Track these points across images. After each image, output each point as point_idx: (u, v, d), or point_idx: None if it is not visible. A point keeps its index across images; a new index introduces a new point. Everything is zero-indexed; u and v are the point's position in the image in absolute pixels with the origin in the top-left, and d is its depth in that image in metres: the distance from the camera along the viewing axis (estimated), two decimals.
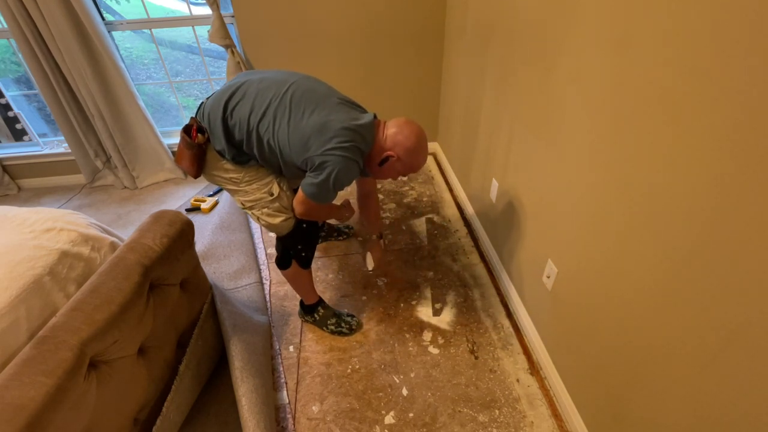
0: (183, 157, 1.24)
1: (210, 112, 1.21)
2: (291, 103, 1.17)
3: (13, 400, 0.77)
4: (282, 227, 1.34)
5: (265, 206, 1.29)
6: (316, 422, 1.37)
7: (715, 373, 0.76)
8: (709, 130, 0.71)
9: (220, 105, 1.18)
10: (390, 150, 1.24)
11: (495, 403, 1.40)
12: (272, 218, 1.31)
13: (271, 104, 1.17)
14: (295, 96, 1.18)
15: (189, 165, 1.23)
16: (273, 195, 1.28)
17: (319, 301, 1.65)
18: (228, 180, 1.28)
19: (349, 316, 1.68)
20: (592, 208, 1.09)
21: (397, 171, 1.30)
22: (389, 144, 1.24)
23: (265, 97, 1.18)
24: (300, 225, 1.36)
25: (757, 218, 0.65)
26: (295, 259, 1.44)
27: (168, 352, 1.22)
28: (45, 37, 2.07)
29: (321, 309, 1.64)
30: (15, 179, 2.70)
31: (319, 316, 1.64)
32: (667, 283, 0.85)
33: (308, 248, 1.44)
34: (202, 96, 4.68)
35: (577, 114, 1.11)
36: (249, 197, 1.29)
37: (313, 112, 1.15)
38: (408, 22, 2.33)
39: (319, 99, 1.18)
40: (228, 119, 1.19)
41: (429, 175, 2.67)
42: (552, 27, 1.19)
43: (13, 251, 1.04)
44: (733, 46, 0.65)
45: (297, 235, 1.37)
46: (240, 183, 1.27)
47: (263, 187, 1.28)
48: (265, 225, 1.35)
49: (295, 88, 1.19)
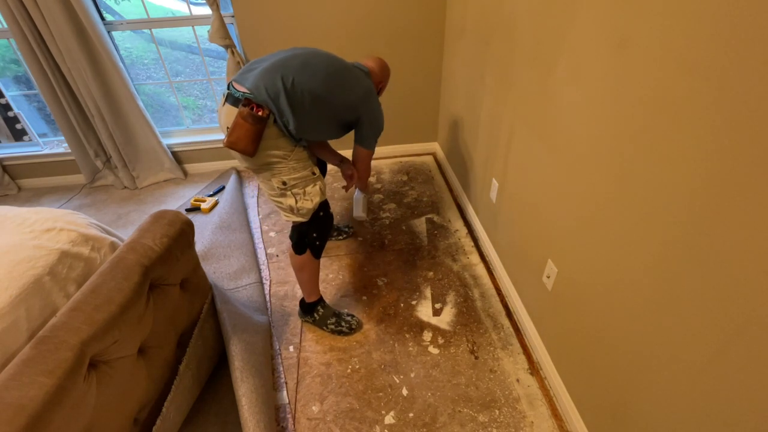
0: (242, 135, 1.27)
1: (269, 90, 1.28)
2: (337, 80, 1.41)
3: (13, 400, 0.77)
4: (310, 211, 1.43)
5: (308, 184, 1.41)
6: (316, 422, 1.37)
7: (715, 373, 0.76)
8: (709, 130, 0.71)
9: (278, 85, 1.29)
10: (381, 81, 1.71)
11: (495, 403, 1.40)
12: (309, 201, 1.42)
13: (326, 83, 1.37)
14: (333, 68, 1.42)
15: (249, 142, 1.28)
16: (315, 174, 1.43)
17: (320, 299, 1.66)
18: (279, 156, 1.35)
19: (349, 315, 1.69)
20: (592, 208, 1.09)
21: (381, 93, 1.75)
22: (379, 76, 1.69)
23: (309, 74, 1.34)
24: (317, 214, 1.46)
25: (758, 218, 0.65)
26: (309, 247, 1.50)
27: (168, 352, 1.22)
28: (45, 37, 2.07)
29: (321, 308, 1.66)
30: (15, 179, 2.70)
31: (318, 316, 1.65)
32: (667, 282, 0.85)
33: (322, 237, 1.52)
34: (202, 96, 4.70)
35: (577, 114, 1.11)
36: (294, 175, 1.38)
37: (348, 82, 1.45)
38: (408, 22, 2.33)
39: (346, 67, 1.47)
40: (290, 94, 1.30)
41: (429, 175, 2.68)
42: (551, 27, 1.19)
43: (13, 251, 1.04)
44: (732, 45, 0.65)
45: (314, 223, 1.47)
46: (290, 160, 1.37)
47: (307, 167, 1.41)
48: (300, 208, 1.42)
49: (325, 61, 1.42)
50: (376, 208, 2.36)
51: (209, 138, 2.68)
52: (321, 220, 1.48)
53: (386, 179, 2.63)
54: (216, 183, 2.63)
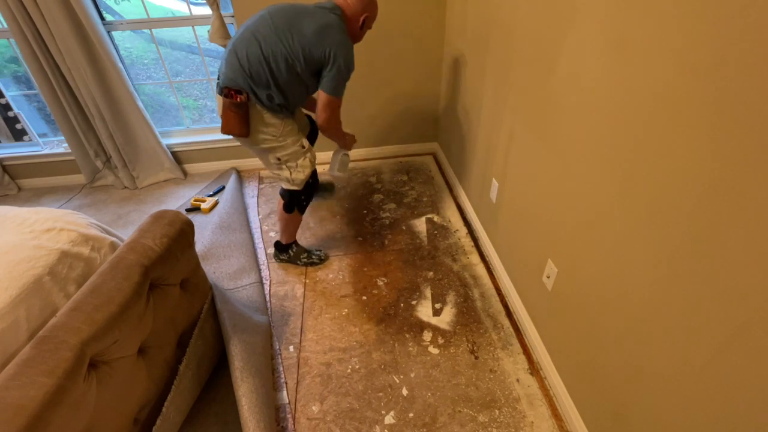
0: (231, 121, 1.45)
1: (236, 74, 1.41)
2: (287, 25, 1.42)
3: (13, 400, 0.77)
4: (303, 181, 1.66)
5: (299, 157, 1.60)
6: (316, 422, 1.37)
7: (715, 373, 0.76)
8: (709, 130, 0.71)
9: (243, 62, 1.41)
10: (363, 12, 1.52)
11: (495, 403, 1.40)
12: (301, 172, 1.63)
13: (277, 35, 1.41)
14: (282, 19, 1.43)
15: (239, 126, 1.46)
16: (305, 147, 1.60)
17: (294, 241, 1.95)
18: (270, 134, 1.52)
19: (318, 250, 2.00)
20: (592, 208, 1.09)
21: (369, 25, 1.61)
22: (360, 9, 1.51)
23: (269, 35, 1.41)
24: (307, 181, 1.70)
25: (758, 218, 0.65)
26: (297, 206, 1.80)
27: (168, 352, 1.22)
28: (45, 37, 2.07)
29: (294, 247, 1.95)
30: (15, 179, 2.69)
31: (292, 253, 1.95)
32: (667, 282, 0.85)
33: (308, 198, 1.82)
34: (202, 96, 4.70)
35: (577, 114, 1.11)
36: (286, 151, 1.57)
37: (302, 23, 1.42)
38: (408, 22, 2.33)
39: (299, 11, 1.45)
40: (270, 62, 1.41)
41: (429, 175, 2.67)
42: (552, 27, 1.19)
43: (13, 251, 1.04)
44: (732, 45, 0.65)
45: (304, 188, 1.73)
46: (279, 136, 1.53)
47: (297, 141, 1.58)
48: (295, 179, 1.65)
49: (276, 15, 1.44)
50: (376, 208, 2.37)
51: (209, 138, 2.68)
52: (308, 186, 1.75)
53: (386, 179, 2.63)
54: (216, 183, 2.63)
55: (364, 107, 2.59)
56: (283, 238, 1.92)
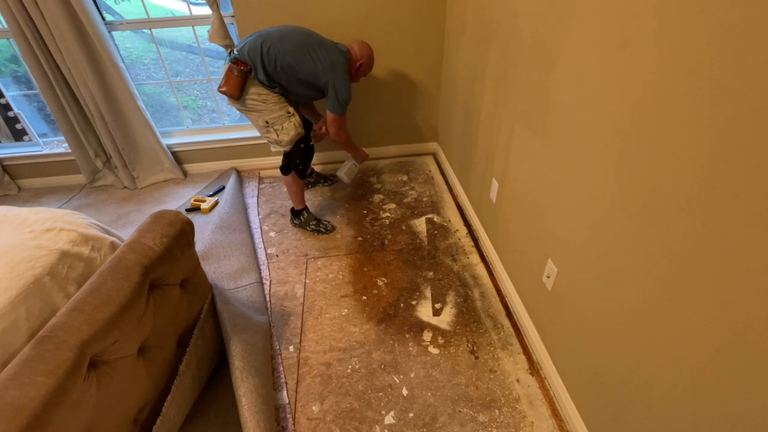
0: (230, 83, 1.73)
1: (249, 51, 1.75)
2: (306, 50, 1.78)
3: (13, 400, 0.77)
4: (292, 141, 1.92)
5: (284, 121, 1.87)
6: (316, 422, 1.37)
7: (715, 373, 0.76)
8: (709, 130, 0.71)
9: (258, 48, 1.75)
10: (360, 59, 1.92)
11: (495, 403, 1.40)
12: (286, 134, 1.89)
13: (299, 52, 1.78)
14: (305, 43, 1.80)
15: (235, 87, 1.74)
16: (290, 113, 1.88)
17: (305, 208, 2.19)
18: (259, 100, 1.82)
19: (327, 221, 2.22)
20: (592, 208, 1.09)
21: (365, 71, 2.00)
22: (359, 56, 1.92)
23: (293, 49, 1.77)
24: (299, 145, 1.96)
25: (758, 218, 0.65)
26: (294, 170, 2.02)
27: (168, 352, 1.22)
28: (45, 37, 2.07)
29: (305, 213, 2.19)
30: (15, 179, 2.70)
31: (303, 218, 2.19)
32: (667, 282, 0.85)
33: (304, 163, 2.04)
34: (202, 96, 4.71)
35: (577, 114, 1.11)
36: (273, 114, 1.85)
37: (319, 54, 1.79)
38: (407, 22, 2.33)
39: (322, 43, 1.82)
40: (264, 56, 1.75)
41: (429, 175, 2.67)
42: (552, 27, 1.19)
43: (13, 251, 1.04)
44: (732, 45, 0.65)
45: (297, 152, 1.98)
46: (267, 103, 1.83)
47: (283, 108, 1.86)
48: (281, 140, 1.90)
49: (304, 37, 1.82)
50: (376, 208, 2.37)
51: (209, 138, 2.68)
52: (303, 150, 1.99)
53: (386, 179, 2.63)
54: (216, 183, 2.63)
55: (364, 107, 2.59)
56: (294, 203, 2.17)
